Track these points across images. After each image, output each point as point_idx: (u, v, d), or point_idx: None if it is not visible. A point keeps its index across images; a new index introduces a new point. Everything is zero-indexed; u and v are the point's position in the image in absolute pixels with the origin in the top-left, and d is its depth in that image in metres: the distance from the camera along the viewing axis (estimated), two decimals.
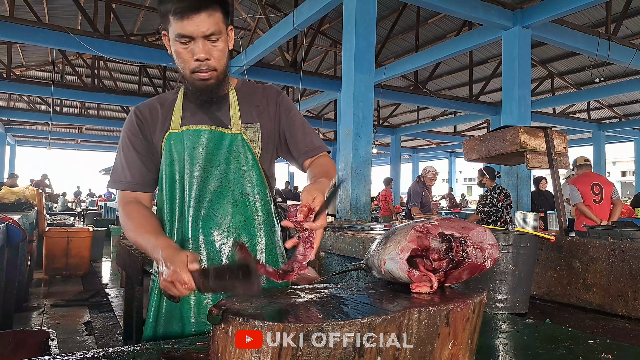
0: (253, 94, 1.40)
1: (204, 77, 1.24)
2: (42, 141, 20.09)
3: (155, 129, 1.33)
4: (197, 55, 1.20)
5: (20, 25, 7.74)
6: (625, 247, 1.61)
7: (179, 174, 1.29)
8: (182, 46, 1.20)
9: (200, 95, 1.28)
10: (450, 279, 0.94)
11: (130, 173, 1.32)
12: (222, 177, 1.29)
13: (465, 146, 2.55)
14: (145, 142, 1.34)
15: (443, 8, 6.70)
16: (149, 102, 1.39)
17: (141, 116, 1.35)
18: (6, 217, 3.92)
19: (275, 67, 10.34)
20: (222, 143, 1.30)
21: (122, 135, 1.36)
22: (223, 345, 0.70)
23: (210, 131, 1.30)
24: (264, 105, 1.39)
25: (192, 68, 1.22)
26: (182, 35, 1.18)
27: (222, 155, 1.30)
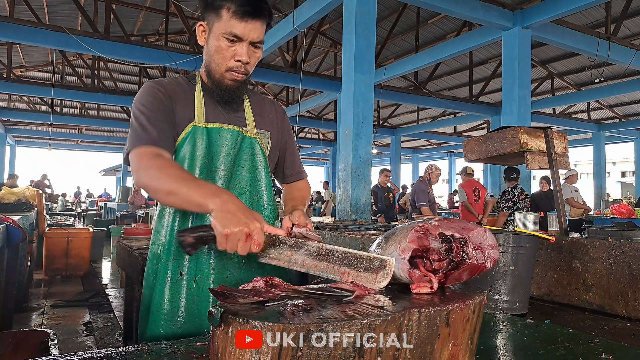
0: (263, 104, 1.45)
1: (238, 78, 1.26)
2: (42, 141, 20.12)
3: (178, 108, 1.26)
4: (240, 57, 1.22)
5: (20, 25, 7.75)
6: (625, 247, 1.61)
7: (199, 169, 1.26)
8: (227, 43, 1.21)
9: (224, 94, 1.29)
10: (451, 279, 0.94)
11: (156, 130, 1.19)
12: (243, 179, 1.32)
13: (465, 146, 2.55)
14: (170, 109, 1.25)
15: (443, 8, 6.71)
16: (165, 81, 1.31)
17: (164, 89, 1.27)
18: (6, 218, 3.92)
19: (275, 67, 10.35)
20: (243, 144, 1.32)
21: (140, 101, 1.23)
22: (223, 346, 0.70)
23: (236, 131, 1.31)
24: (273, 118, 1.45)
25: (230, 67, 1.24)
26: (234, 34, 1.19)
27: (243, 157, 1.32)
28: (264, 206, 1.36)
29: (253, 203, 1.33)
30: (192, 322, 1.23)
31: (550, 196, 7.47)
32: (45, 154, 22.08)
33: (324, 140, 21.21)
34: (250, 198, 1.32)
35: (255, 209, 1.32)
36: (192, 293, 1.24)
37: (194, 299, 1.24)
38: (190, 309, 1.24)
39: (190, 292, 1.24)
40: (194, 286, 1.24)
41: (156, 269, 1.29)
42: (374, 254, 0.92)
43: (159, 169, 1.11)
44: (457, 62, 12.43)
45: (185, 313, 1.24)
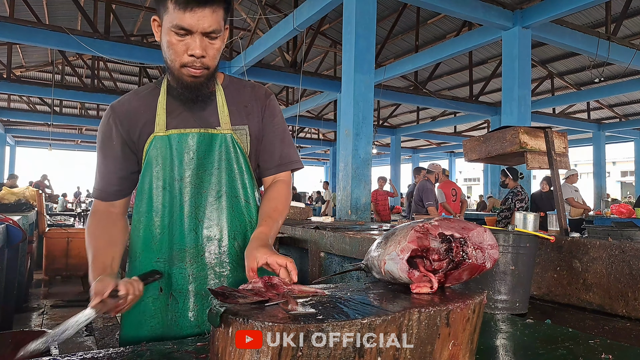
0: (241, 93, 1.32)
1: (195, 73, 1.16)
2: (42, 142, 20.11)
3: (134, 130, 1.24)
4: (192, 51, 1.12)
5: (20, 25, 7.75)
6: (625, 247, 1.61)
7: (163, 180, 1.22)
8: (177, 37, 1.12)
9: (186, 92, 1.20)
10: (450, 279, 0.94)
11: (103, 181, 1.27)
12: (217, 182, 1.24)
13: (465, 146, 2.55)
14: (122, 148, 1.25)
15: (443, 8, 6.71)
16: (125, 100, 1.28)
17: (116, 117, 1.25)
18: (6, 218, 3.92)
19: (275, 67, 10.35)
20: (212, 145, 1.24)
21: (97, 137, 1.27)
22: (223, 346, 0.70)
23: (200, 134, 1.22)
24: (252, 106, 1.31)
25: (184, 62, 1.14)
26: (180, 27, 1.09)
27: (214, 158, 1.24)
28: (242, 207, 1.27)
29: (232, 205, 1.25)
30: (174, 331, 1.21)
31: (550, 196, 7.46)
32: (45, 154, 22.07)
33: (324, 140, 21.21)
34: (228, 200, 1.25)
35: (235, 210, 1.26)
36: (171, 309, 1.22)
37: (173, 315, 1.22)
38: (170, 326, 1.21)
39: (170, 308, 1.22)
40: (170, 301, 1.22)
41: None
42: None
43: (88, 232, 1.22)
44: (457, 62, 12.43)
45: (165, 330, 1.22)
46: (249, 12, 11.44)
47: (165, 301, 1.22)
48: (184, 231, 1.22)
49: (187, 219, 1.22)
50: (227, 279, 1.24)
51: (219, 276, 1.23)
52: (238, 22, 11.26)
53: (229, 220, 1.24)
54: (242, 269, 1.24)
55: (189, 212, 1.22)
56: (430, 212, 6.46)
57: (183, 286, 1.22)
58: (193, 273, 1.22)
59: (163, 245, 1.23)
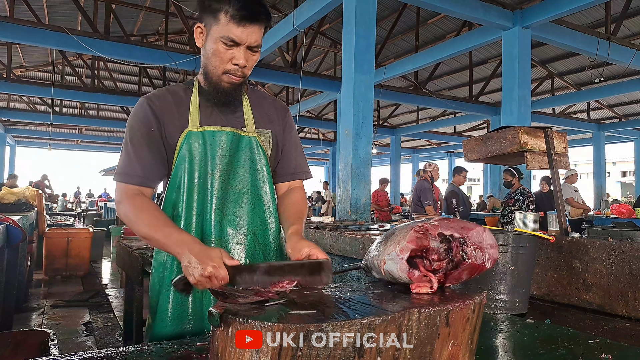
0: (263, 103, 1.43)
1: (236, 81, 1.26)
2: (42, 142, 20.10)
3: (169, 123, 1.30)
4: (237, 61, 1.22)
5: (20, 25, 7.74)
6: (625, 247, 1.61)
7: (198, 173, 1.28)
8: (224, 47, 1.21)
9: (220, 96, 1.29)
10: (450, 279, 0.94)
11: (140, 166, 1.26)
12: (242, 179, 1.32)
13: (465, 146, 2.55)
14: (160, 136, 1.29)
15: (443, 8, 6.70)
16: (160, 94, 1.34)
17: (155, 107, 1.29)
18: (6, 218, 3.92)
19: (275, 67, 10.35)
20: (240, 145, 1.33)
21: (131, 125, 1.29)
22: (223, 346, 0.70)
23: (230, 132, 1.31)
24: (273, 116, 1.43)
25: (227, 69, 1.24)
26: (231, 39, 1.19)
27: (241, 158, 1.33)
28: (265, 205, 1.36)
29: (254, 203, 1.34)
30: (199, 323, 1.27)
31: (550, 196, 7.47)
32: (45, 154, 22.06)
33: (324, 140, 21.21)
34: (252, 198, 1.33)
35: (257, 208, 1.34)
36: (198, 296, 1.28)
37: (201, 301, 1.28)
38: (197, 311, 1.28)
39: (196, 295, 1.28)
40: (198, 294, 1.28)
41: (162, 277, 1.31)
42: (312, 259, 1.06)
43: (135, 213, 1.20)
44: (457, 62, 12.43)
45: (193, 315, 1.28)
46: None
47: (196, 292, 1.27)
48: (210, 223, 1.29)
49: (214, 212, 1.29)
50: None
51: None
52: None
53: (250, 216, 1.33)
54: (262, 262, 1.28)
55: (215, 205, 1.29)
56: (428, 212, 6.47)
57: None
58: None
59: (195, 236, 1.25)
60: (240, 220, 1.31)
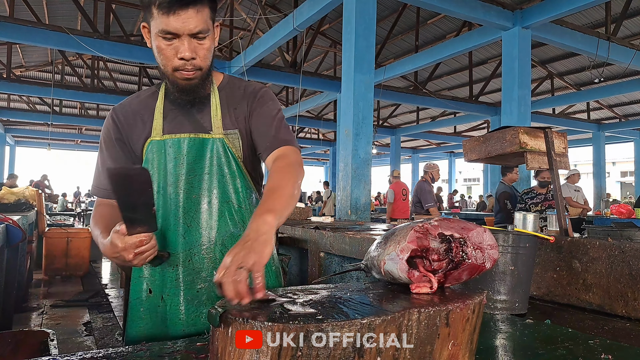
0: (234, 96, 1.30)
1: (188, 76, 1.16)
2: (42, 141, 20.10)
3: (133, 133, 1.27)
4: (181, 54, 1.11)
5: (20, 25, 7.74)
6: (625, 247, 1.61)
7: (161, 184, 1.24)
8: (165, 42, 1.11)
9: (181, 95, 1.21)
10: (450, 279, 0.94)
11: (102, 179, 1.29)
12: (207, 187, 1.23)
13: (465, 146, 2.55)
14: (122, 147, 1.28)
15: (443, 8, 6.71)
16: (127, 103, 1.31)
17: (118, 120, 1.28)
18: (6, 218, 3.92)
19: (275, 67, 10.35)
20: (203, 150, 1.23)
21: (101, 138, 1.31)
22: (223, 346, 0.70)
23: (190, 139, 1.23)
24: (240, 107, 1.28)
25: (176, 66, 1.14)
26: (166, 31, 1.09)
27: (205, 163, 1.23)
28: (234, 211, 1.26)
29: (222, 210, 1.24)
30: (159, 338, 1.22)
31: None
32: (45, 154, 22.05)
33: (324, 140, 21.21)
34: (220, 205, 1.24)
35: (226, 214, 1.25)
36: (161, 311, 1.23)
37: (163, 317, 1.23)
38: (160, 327, 1.23)
39: (160, 310, 1.23)
40: (161, 303, 1.23)
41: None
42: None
43: (93, 224, 1.23)
44: (457, 62, 12.43)
45: (155, 331, 1.23)
46: (249, 12, 11.43)
47: (156, 302, 1.24)
48: (175, 235, 1.23)
49: (178, 224, 1.23)
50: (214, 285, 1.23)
51: (206, 281, 1.23)
52: (238, 22, 11.26)
53: (218, 226, 1.24)
54: None
55: (179, 216, 1.23)
56: (432, 213, 6.48)
57: (172, 290, 1.22)
58: (182, 277, 1.22)
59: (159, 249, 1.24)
60: (208, 230, 1.23)
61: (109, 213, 1.23)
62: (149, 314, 1.24)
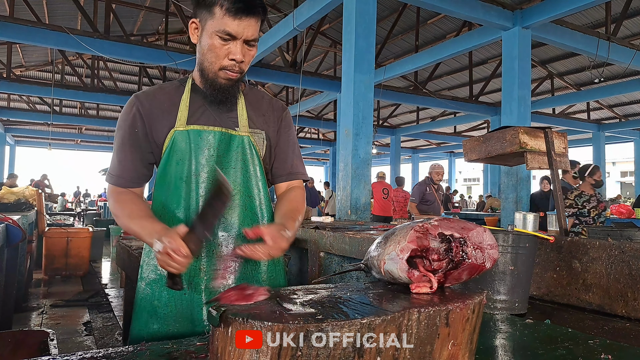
0: (260, 102, 1.39)
1: (233, 77, 1.23)
2: (42, 141, 20.11)
3: (157, 122, 1.29)
4: (234, 56, 1.19)
5: (20, 25, 7.74)
6: (625, 247, 1.61)
7: (182, 174, 1.26)
8: (220, 42, 1.18)
9: (217, 93, 1.26)
10: (450, 279, 0.94)
11: (125, 169, 1.29)
12: (233, 180, 1.28)
13: (465, 146, 2.55)
14: (144, 137, 1.29)
15: (443, 8, 6.70)
16: (150, 92, 1.33)
17: (141, 107, 1.29)
18: (6, 217, 3.92)
19: (275, 67, 10.34)
20: (231, 145, 1.29)
21: (119, 125, 1.30)
22: (223, 346, 0.70)
23: (221, 133, 1.28)
24: (269, 116, 1.38)
25: (224, 65, 1.21)
26: (227, 32, 1.16)
27: (232, 158, 1.29)
28: (256, 206, 1.32)
29: (245, 204, 1.30)
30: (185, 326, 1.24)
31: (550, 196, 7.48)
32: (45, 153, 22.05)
33: (324, 140, 21.21)
34: (242, 199, 1.29)
35: (248, 209, 1.30)
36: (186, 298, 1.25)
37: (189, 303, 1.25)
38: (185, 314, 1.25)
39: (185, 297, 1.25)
40: (187, 291, 1.25)
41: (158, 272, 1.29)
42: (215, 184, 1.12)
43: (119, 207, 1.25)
44: (457, 62, 12.43)
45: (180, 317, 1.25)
46: None
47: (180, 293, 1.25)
48: None
49: None
50: (235, 275, 1.27)
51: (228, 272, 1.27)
52: None
53: (241, 219, 1.29)
54: (250, 266, 1.30)
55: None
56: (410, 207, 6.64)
57: (194, 279, 1.25)
58: (204, 267, 1.25)
59: None
60: (230, 222, 1.27)
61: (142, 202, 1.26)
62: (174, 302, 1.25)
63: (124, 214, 1.22)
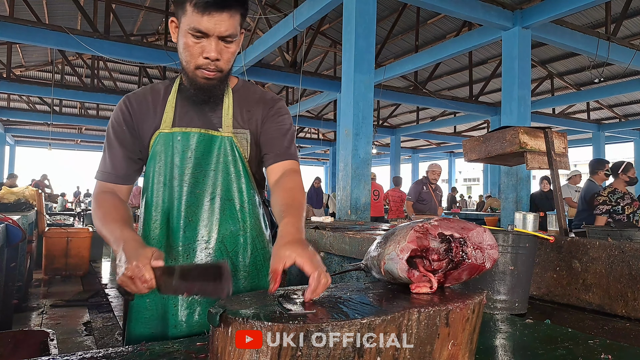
0: (248, 98, 1.33)
1: (209, 75, 1.19)
2: (42, 141, 20.10)
3: (144, 123, 1.28)
4: (207, 54, 1.14)
5: (20, 25, 7.74)
6: (625, 247, 1.61)
7: (167, 177, 1.24)
8: (193, 40, 1.14)
9: (198, 93, 1.23)
10: (450, 279, 0.94)
11: (111, 164, 1.27)
12: (212, 183, 1.25)
13: (465, 146, 2.55)
14: (131, 135, 1.28)
15: (443, 8, 6.71)
16: (140, 93, 1.33)
17: (131, 107, 1.29)
18: (6, 218, 3.92)
19: (275, 67, 10.35)
20: (211, 147, 1.25)
21: (109, 125, 1.31)
22: (223, 346, 0.70)
23: (200, 134, 1.24)
24: (255, 110, 1.31)
25: (199, 64, 1.17)
26: (197, 30, 1.12)
27: (212, 160, 1.25)
28: (237, 211, 1.27)
29: (224, 208, 1.26)
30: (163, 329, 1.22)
31: (550, 196, 7.48)
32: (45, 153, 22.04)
33: (324, 140, 21.20)
34: (222, 203, 1.25)
35: (227, 213, 1.26)
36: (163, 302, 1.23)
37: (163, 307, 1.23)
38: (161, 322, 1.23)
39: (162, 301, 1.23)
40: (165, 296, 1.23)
41: None
42: (209, 263, 1.10)
43: (96, 207, 1.21)
44: (457, 62, 12.42)
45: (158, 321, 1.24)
46: (249, 12, 11.41)
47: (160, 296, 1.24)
48: (177, 229, 1.24)
49: (180, 217, 1.24)
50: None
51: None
52: None
53: (219, 223, 1.25)
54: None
55: (182, 210, 1.24)
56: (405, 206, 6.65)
57: None
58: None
59: (160, 241, 1.25)
60: (208, 227, 1.24)
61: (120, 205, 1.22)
62: (155, 306, 1.24)
63: (98, 215, 1.18)
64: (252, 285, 1.29)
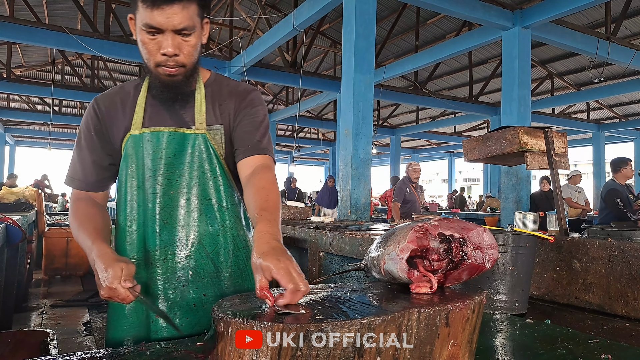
0: (221, 92, 1.27)
1: (171, 72, 1.13)
2: (42, 141, 20.10)
3: (114, 125, 1.23)
4: (164, 50, 1.09)
5: (20, 25, 7.74)
6: (625, 247, 1.61)
7: (140, 179, 1.20)
8: (148, 36, 1.09)
9: (164, 90, 1.18)
10: (450, 279, 0.94)
11: (83, 172, 1.23)
12: (187, 183, 1.20)
13: (464, 146, 2.55)
14: (101, 140, 1.24)
15: (443, 8, 6.71)
16: (109, 94, 1.28)
17: (99, 111, 1.24)
18: (6, 218, 3.92)
19: (275, 67, 10.35)
20: (184, 145, 1.20)
21: (80, 127, 1.26)
22: (223, 346, 0.70)
23: (170, 133, 1.19)
24: (227, 103, 1.25)
25: (158, 61, 1.12)
26: (150, 25, 1.06)
27: (185, 159, 1.20)
28: (215, 210, 1.22)
29: (202, 208, 1.21)
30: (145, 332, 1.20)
31: (550, 196, 7.48)
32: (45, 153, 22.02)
33: (324, 140, 21.21)
34: (199, 203, 1.21)
35: (205, 213, 1.21)
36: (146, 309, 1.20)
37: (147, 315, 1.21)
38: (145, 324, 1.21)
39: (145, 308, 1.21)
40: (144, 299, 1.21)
41: None
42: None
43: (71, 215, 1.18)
44: (457, 62, 12.43)
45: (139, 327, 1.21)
46: (249, 12, 11.44)
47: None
48: (153, 233, 1.20)
49: (154, 221, 1.19)
50: (190, 285, 1.20)
51: (183, 281, 1.20)
52: (238, 22, 11.25)
53: (197, 224, 1.21)
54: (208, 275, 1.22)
55: (157, 213, 1.19)
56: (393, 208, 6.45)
57: (153, 288, 1.19)
58: (160, 276, 1.19)
59: (136, 246, 1.20)
60: (185, 228, 1.19)
61: (95, 213, 1.19)
62: (135, 313, 1.20)
63: (74, 225, 1.15)
64: (236, 285, 1.25)
